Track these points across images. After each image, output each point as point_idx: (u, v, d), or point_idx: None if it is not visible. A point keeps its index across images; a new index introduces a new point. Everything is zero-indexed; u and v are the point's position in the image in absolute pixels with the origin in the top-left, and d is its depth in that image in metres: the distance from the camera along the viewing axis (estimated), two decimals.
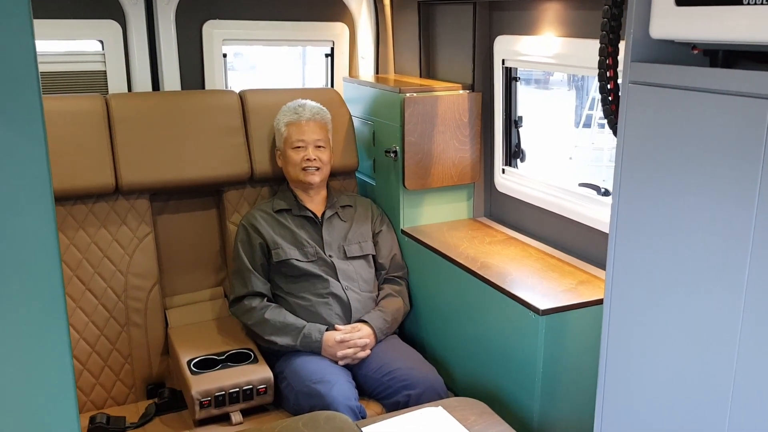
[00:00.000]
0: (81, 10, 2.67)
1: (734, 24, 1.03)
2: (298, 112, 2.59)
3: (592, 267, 2.25)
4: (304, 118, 2.57)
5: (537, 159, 2.84)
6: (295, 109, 2.60)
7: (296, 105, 2.63)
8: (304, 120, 2.57)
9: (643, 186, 1.21)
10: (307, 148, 2.54)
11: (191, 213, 2.69)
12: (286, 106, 2.64)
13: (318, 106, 2.64)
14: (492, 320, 2.21)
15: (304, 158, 2.53)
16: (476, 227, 2.70)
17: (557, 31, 2.29)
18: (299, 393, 2.20)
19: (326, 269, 2.47)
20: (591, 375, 1.54)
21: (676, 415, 1.20)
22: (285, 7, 3.03)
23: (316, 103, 2.65)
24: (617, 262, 1.29)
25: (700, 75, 1.10)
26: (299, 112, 2.58)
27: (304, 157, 2.53)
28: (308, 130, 2.56)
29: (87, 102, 2.48)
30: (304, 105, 2.62)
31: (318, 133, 2.57)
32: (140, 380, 2.49)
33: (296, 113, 2.59)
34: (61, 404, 0.90)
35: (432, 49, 2.97)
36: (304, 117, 2.57)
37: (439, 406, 1.99)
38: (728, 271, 1.07)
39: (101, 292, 2.43)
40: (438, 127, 2.62)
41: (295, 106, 2.62)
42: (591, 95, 9.54)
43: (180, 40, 2.83)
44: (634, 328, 1.27)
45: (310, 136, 2.55)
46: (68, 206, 2.40)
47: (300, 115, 2.58)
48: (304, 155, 2.54)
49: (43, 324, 0.87)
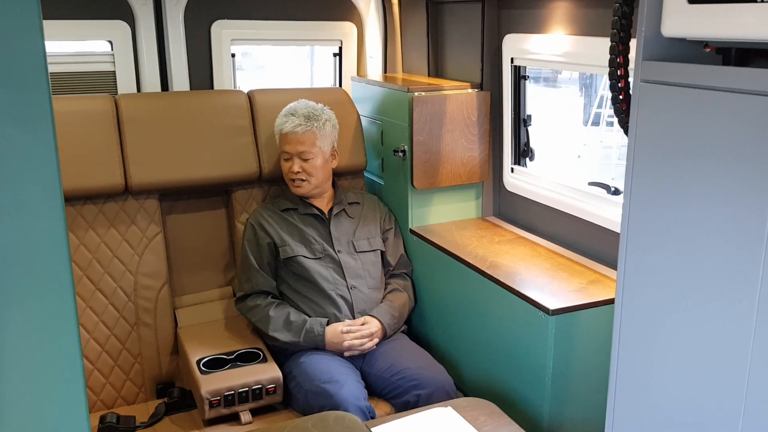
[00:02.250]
0: (90, 11, 2.68)
1: (747, 21, 1.02)
2: (284, 122, 2.52)
3: (602, 266, 2.24)
4: (286, 129, 2.50)
5: (545, 157, 2.82)
6: (284, 117, 2.54)
7: (287, 112, 2.55)
8: (287, 131, 2.50)
9: (654, 186, 1.20)
10: (292, 159, 2.51)
11: (200, 213, 2.70)
12: (283, 110, 2.58)
13: (307, 114, 2.52)
14: (501, 320, 2.20)
15: (290, 169, 2.51)
16: (485, 226, 2.70)
17: (567, 30, 2.28)
18: (309, 392, 2.20)
19: (333, 267, 2.47)
20: (601, 375, 1.54)
21: (689, 417, 1.19)
22: (293, 7, 3.03)
23: (310, 109, 2.54)
24: (629, 263, 1.28)
25: (712, 73, 1.09)
26: (284, 123, 2.52)
27: (290, 169, 2.51)
28: (292, 140, 2.50)
29: (96, 102, 2.49)
30: (294, 112, 2.52)
31: (302, 144, 2.48)
32: (150, 380, 2.50)
33: (282, 123, 2.53)
34: (71, 404, 0.91)
35: (440, 48, 2.97)
36: (286, 128, 2.50)
37: (448, 407, 1.99)
38: (742, 272, 1.06)
39: (111, 292, 2.44)
40: (446, 126, 2.62)
41: (285, 113, 2.55)
42: (599, 93, 9.50)
43: (189, 41, 2.83)
44: (646, 328, 1.26)
45: (293, 148, 2.49)
46: (78, 206, 2.41)
47: (284, 125, 2.51)
48: (289, 166, 2.51)
49: (53, 324, 0.88)
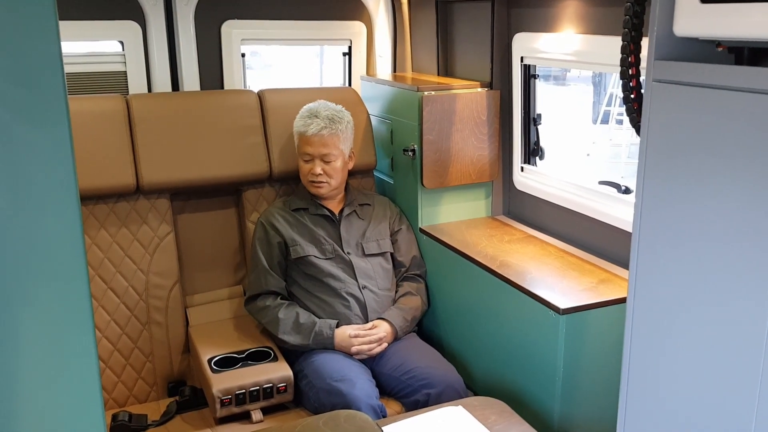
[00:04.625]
0: (101, 12, 2.69)
1: (760, 21, 1.01)
2: (307, 123, 2.51)
3: (612, 266, 2.23)
4: (310, 132, 2.49)
5: (555, 156, 2.82)
6: (306, 119, 2.52)
7: (308, 113, 2.54)
8: (312, 133, 2.49)
9: (667, 185, 1.20)
10: (313, 161, 2.51)
11: (211, 212, 2.71)
12: (303, 110, 2.57)
13: (330, 116, 2.52)
14: (511, 319, 2.20)
15: (310, 171, 2.51)
16: (495, 225, 2.70)
17: (577, 28, 2.28)
18: (320, 391, 2.20)
19: (344, 267, 2.48)
20: (611, 374, 1.53)
21: (702, 417, 1.19)
22: (303, 7, 3.03)
23: (331, 110, 2.54)
24: (641, 262, 1.28)
25: (725, 73, 1.09)
26: (308, 124, 2.50)
27: (311, 170, 2.51)
28: (315, 143, 2.49)
29: (108, 103, 2.50)
30: (317, 114, 2.52)
31: (326, 147, 2.49)
32: (161, 378, 2.51)
33: (305, 124, 2.51)
34: (86, 402, 0.91)
35: (450, 47, 2.96)
36: (310, 131, 2.49)
37: (459, 406, 1.99)
38: (754, 271, 1.06)
39: (123, 291, 2.46)
40: (456, 125, 2.61)
41: (307, 114, 2.54)
42: (609, 91, 9.46)
43: (199, 41, 2.84)
44: (658, 328, 1.26)
45: (316, 150, 2.49)
46: (90, 206, 2.43)
47: (307, 128, 2.50)
48: (310, 168, 2.51)
49: (69, 323, 0.88)
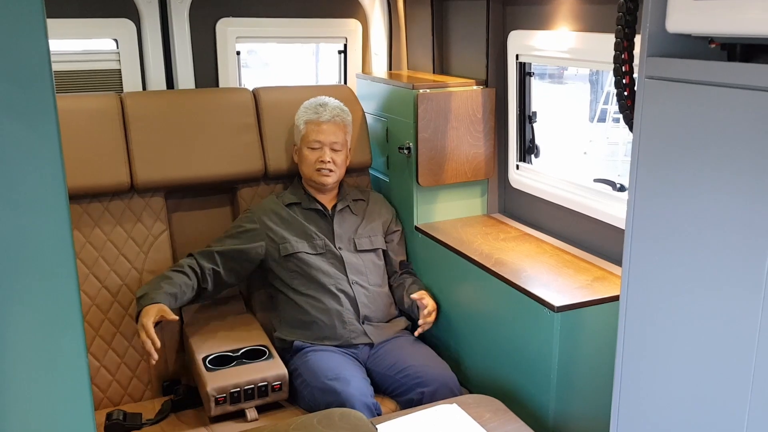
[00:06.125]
0: (95, 9, 2.68)
1: (753, 17, 1.01)
2: (318, 111, 2.55)
3: (607, 263, 2.24)
4: (323, 119, 2.53)
5: (551, 154, 2.82)
6: (316, 107, 2.56)
7: (318, 103, 2.58)
8: (323, 120, 2.53)
9: (659, 182, 1.20)
10: (323, 149, 2.52)
11: (206, 210, 2.71)
12: (308, 102, 2.60)
13: (340, 107, 2.59)
14: (506, 317, 2.20)
15: (319, 159, 2.51)
16: (490, 223, 2.69)
17: (572, 26, 2.27)
18: (315, 389, 2.20)
19: (334, 262, 2.47)
20: (606, 372, 1.53)
21: (694, 414, 1.19)
22: (298, 4, 3.02)
23: (339, 103, 2.61)
24: (634, 259, 1.28)
25: (718, 69, 1.08)
26: (319, 112, 2.55)
27: (319, 159, 2.51)
28: (326, 131, 2.53)
29: (102, 101, 2.49)
30: (326, 104, 2.57)
31: (336, 135, 2.54)
32: (156, 377, 2.51)
33: (316, 112, 2.55)
34: (76, 401, 0.91)
35: (445, 44, 2.96)
36: (323, 117, 2.53)
37: (453, 404, 1.99)
38: (747, 268, 1.05)
39: (117, 290, 2.45)
40: (451, 123, 2.61)
41: (316, 105, 2.58)
42: (606, 89, 9.46)
43: (194, 38, 2.83)
44: (651, 325, 1.26)
45: (327, 138, 2.52)
46: (84, 204, 2.42)
47: (320, 115, 2.54)
48: (319, 156, 2.52)
49: (57, 321, 0.88)
